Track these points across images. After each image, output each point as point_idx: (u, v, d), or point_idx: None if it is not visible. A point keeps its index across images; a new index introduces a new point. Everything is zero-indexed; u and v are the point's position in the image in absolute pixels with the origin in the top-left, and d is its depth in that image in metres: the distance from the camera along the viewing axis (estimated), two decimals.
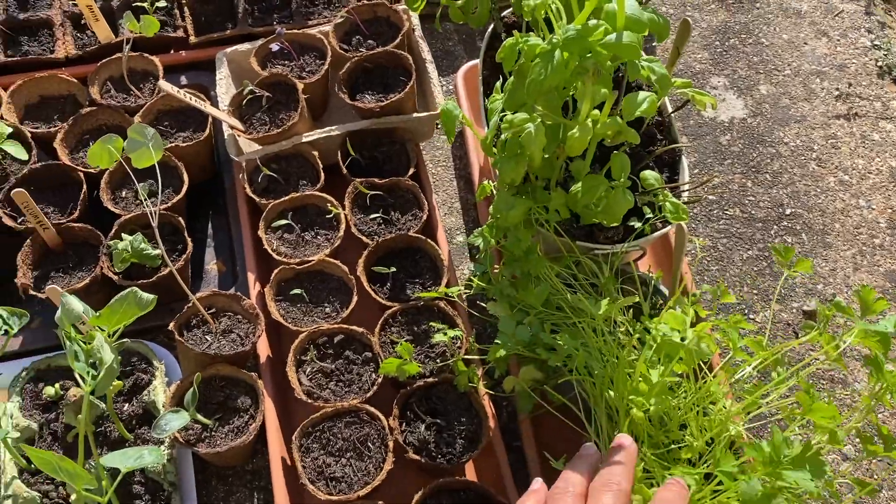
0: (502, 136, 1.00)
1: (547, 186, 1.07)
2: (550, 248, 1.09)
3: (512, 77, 1.01)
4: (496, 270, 1.10)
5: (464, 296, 1.20)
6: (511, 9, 1.38)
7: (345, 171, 1.28)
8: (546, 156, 1.01)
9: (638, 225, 1.07)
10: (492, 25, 1.30)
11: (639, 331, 0.97)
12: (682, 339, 0.94)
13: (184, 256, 1.19)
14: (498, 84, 1.08)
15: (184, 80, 1.47)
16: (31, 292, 1.14)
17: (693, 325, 0.94)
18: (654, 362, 0.94)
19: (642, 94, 0.95)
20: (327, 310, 1.18)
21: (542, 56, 0.92)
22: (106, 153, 1.10)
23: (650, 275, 1.14)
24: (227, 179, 1.39)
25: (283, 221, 1.23)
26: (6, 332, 1.01)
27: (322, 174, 1.28)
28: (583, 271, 1.08)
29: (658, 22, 0.97)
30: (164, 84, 1.21)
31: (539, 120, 0.95)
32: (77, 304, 0.93)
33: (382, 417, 1.05)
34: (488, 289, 1.07)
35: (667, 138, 1.23)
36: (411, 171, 1.29)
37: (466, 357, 1.09)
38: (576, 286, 1.05)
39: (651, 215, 1.07)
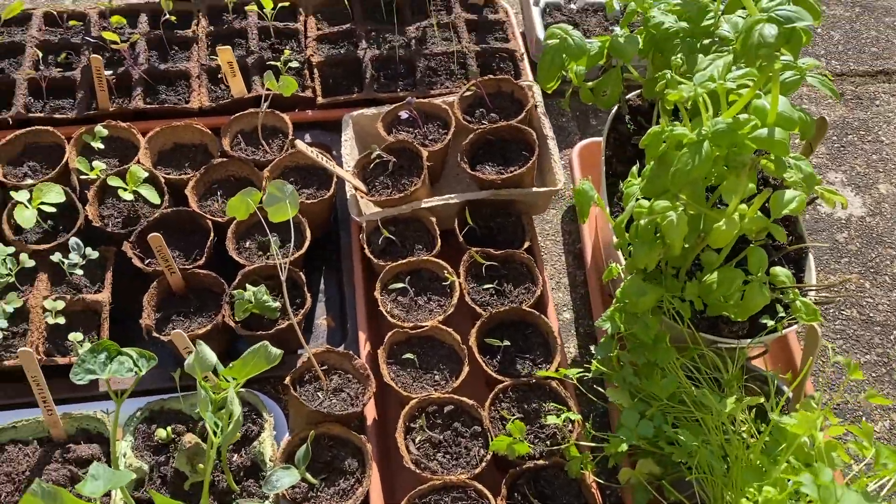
0: (640, 222, 1.00)
1: (677, 274, 1.06)
2: (672, 337, 1.07)
3: (652, 164, 1.01)
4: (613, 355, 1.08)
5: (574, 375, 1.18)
6: (636, 92, 1.39)
7: (461, 239, 1.29)
8: (686, 245, 1.00)
9: (770, 323, 1.04)
10: (616, 107, 1.31)
11: (766, 433, 0.93)
12: (812, 444, 0.90)
13: (302, 311, 1.20)
14: (634, 169, 1.08)
15: (308, 137, 1.52)
16: (154, 334, 1.17)
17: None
18: (779, 466, 0.90)
19: (790, 193, 0.94)
20: (437, 377, 1.17)
21: (690, 147, 0.92)
22: (244, 205, 1.13)
23: (773, 373, 1.11)
24: (343, 237, 1.41)
25: (399, 285, 1.24)
26: (134, 371, 1.03)
27: (439, 240, 1.29)
28: (705, 364, 1.05)
29: (805, 120, 0.97)
30: (299, 144, 1.25)
31: (682, 209, 0.94)
32: (211, 355, 0.95)
33: (491, 498, 1.03)
34: (609, 374, 1.06)
35: (793, 234, 1.20)
36: (526, 244, 1.30)
37: (579, 443, 1.07)
38: (698, 379, 1.02)
39: (783, 314, 1.05)
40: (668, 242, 0.95)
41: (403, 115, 1.39)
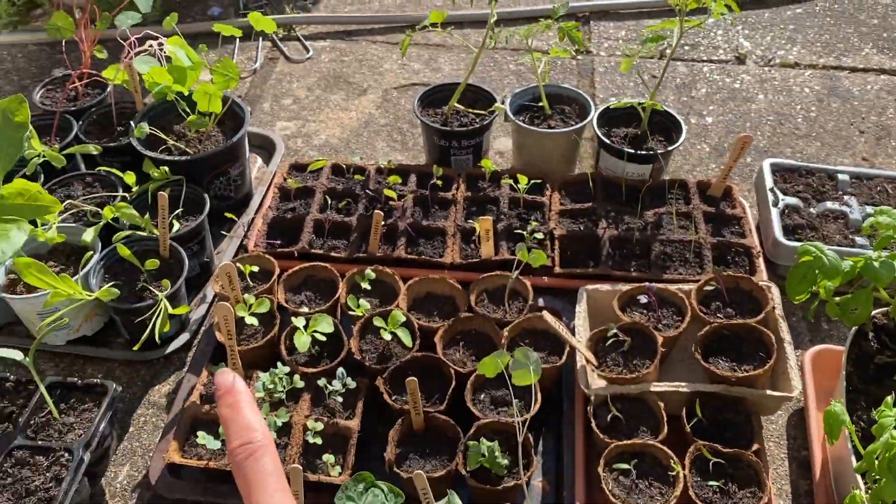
0: (892, 453, 0.99)
1: None
2: None
3: None
4: None
5: None
6: (881, 309, 1.39)
7: (688, 429, 1.32)
8: None
9: None
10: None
11: None
12: None
13: (528, 472, 1.27)
14: (889, 399, 1.07)
15: (541, 301, 1.64)
16: (395, 469, 1.29)
17: None
18: None
19: None
20: None
21: None
22: (493, 365, 1.26)
23: None
24: (566, 404, 1.48)
25: (624, 466, 1.28)
26: None
27: (666, 426, 1.33)
28: None
29: None
30: (546, 314, 1.36)
31: None
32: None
33: None
34: None
35: None
36: (755, 446, 1.30)
37: None
38: None
39: None
40: None
41: (642, 298, 1.47)
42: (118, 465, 1.45)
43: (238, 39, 2.60)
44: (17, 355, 1.34)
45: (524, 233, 1.69)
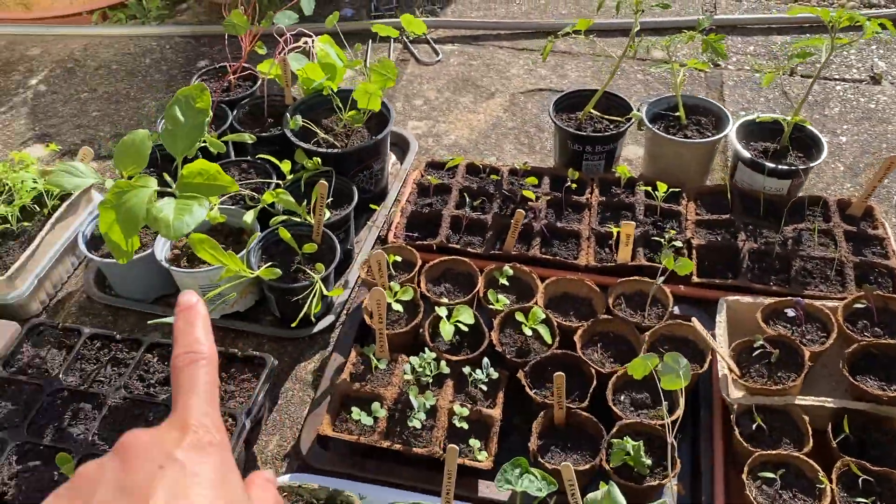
0: None
1: None
2: None
3: None
4: None
5: None
6: None
7: (834, 444, 1.32)
8: None
9: None
10: None
11: None
12: None
13: (673, 473, 1.30)
14: None
15: (676, 309, 1.66)
16: (539, 459, 1.33)
17: None
18: None
19: None
20: None
21: None
22: (642, 367, 1.29)
23: None
24: (703, 411, 1.49)
25: (769, 475, 1.29)
26: (540, 492, 1.19)
27: (811, 440, 1.33)
28: None
29: None
30: (696, 323, 1.38)
31: None
32: (622, 499, 1.07)
33: None
34: None
35: None
36: None
37: None
38: None
39: None
40: None
41: (790, 312, 1.47)
42: (269, 435, 1.54)
43: (370, 41, 2.70)
44: None
45: (661, 240, 1.71)
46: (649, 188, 1.85)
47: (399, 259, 1.71)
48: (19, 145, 2.35)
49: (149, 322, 1.40)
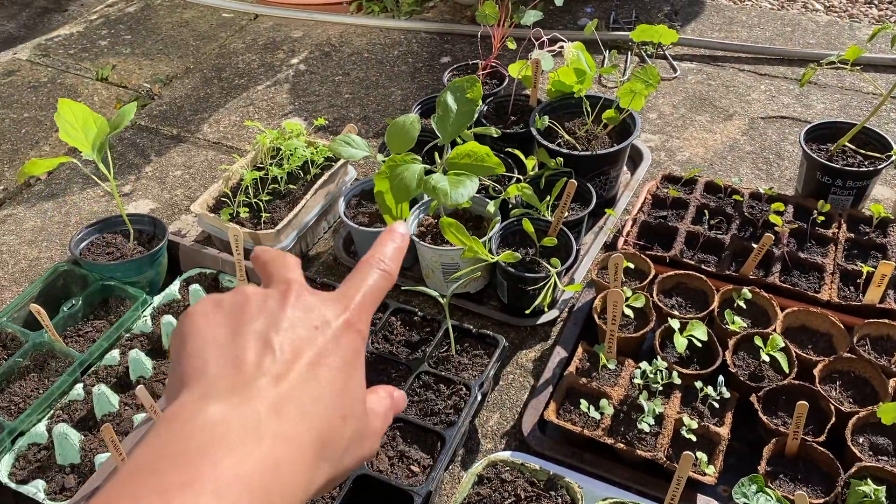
0: None
1: None
2: None
3: None
4: None
5: None
6: None
7: None
8: None
9: None
10: None
11: None
12: None
13: None
14: None
15: None
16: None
17: None
18: None
19: None
20: None
21: None
22: (893, 413, 1.24)
23: None
24: None
25: None
26: None
27: None
28: None
29: None
30: None
31: None
32: None
33: None
34: None
35: None
36: None
37: None
38: None
39: None
40: None
41: None
42: (490, 411, 1.63)
43: (607, 51, 2.74)
44: (437, 296, 1.57)
45: None
46: None
47: (631, 266, 1.74)
48: (280, 116, 2.62)
49: (402, 287, 1.53)
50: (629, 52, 2.75)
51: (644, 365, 1.50)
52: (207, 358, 0.46)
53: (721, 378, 1.47)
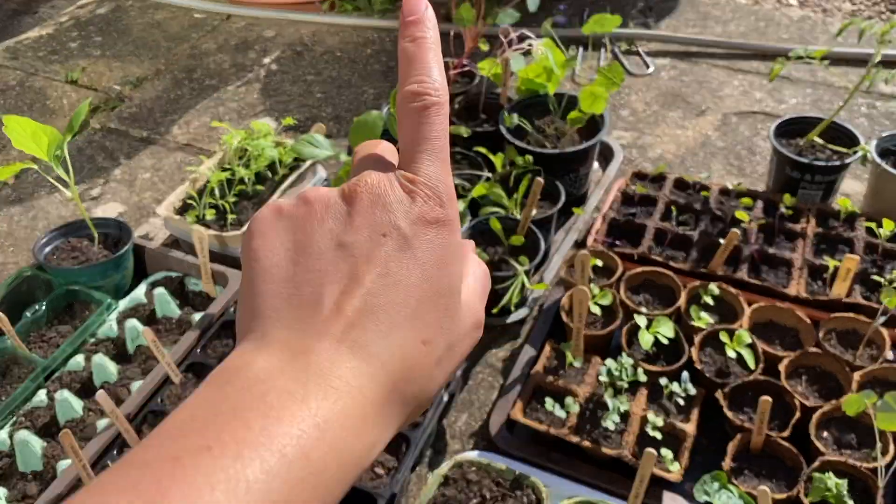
0: None
1: None
2: None
3: None
4: None
5: None
6: None
7: None
8: None
9: None
10: None
11: None
12: None
13: None
14: None
15: (890, 354, 1.56)
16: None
17: None
18: None
19: None
20: None
21: None
22: (857, 404, 1.24)
23: None
24: None
25: None
26: None
27: None
28: None
29: None
30: None
31: None
32: None
33: None
34: None
35: None
36: None
37: None
38: None
39: None
40: None
41: None
42: (458, 412, 1.61)
43: (580, 48, 2.74)
44: None
45: (881, 280, 1.62)
46: (873, 224, 1.75)
47: (599, 264, 1.73)
48: (251, 117, 2.60)
49: None
50: (602, 49, 2.75)
51: (610, 362, 1.49)
52: (265, 292, 0.41)
53: (686, 374, 1.47)
